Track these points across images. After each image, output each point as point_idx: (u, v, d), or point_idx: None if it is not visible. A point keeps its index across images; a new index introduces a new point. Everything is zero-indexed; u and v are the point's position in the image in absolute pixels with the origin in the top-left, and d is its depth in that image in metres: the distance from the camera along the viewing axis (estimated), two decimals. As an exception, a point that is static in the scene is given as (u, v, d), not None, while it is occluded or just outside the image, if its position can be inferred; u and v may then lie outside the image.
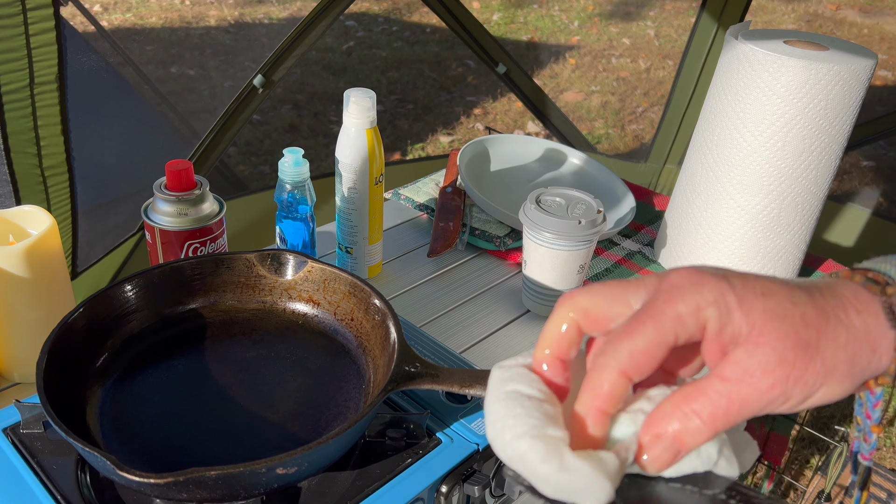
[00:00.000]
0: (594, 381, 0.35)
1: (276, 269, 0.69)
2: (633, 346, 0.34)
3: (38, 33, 1.15)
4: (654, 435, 0.34)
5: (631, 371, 0.34)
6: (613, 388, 0.34)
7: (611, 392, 0.34)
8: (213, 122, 1.77)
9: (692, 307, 0.33)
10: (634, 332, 0.34)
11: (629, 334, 0.34)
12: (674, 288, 0.34)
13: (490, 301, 0.90)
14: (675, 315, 0.33)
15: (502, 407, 0.35)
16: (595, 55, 3.82)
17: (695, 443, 0.34)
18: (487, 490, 0.59)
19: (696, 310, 0.33)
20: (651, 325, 0.34)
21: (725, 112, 0.85)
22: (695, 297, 0.34)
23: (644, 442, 0.34)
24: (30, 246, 0.65)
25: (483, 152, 1.12)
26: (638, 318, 0.34)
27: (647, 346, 0.34)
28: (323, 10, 1.76)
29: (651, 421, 0.34)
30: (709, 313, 0.33)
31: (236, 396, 0.60)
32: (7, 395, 0.71)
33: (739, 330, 0.33)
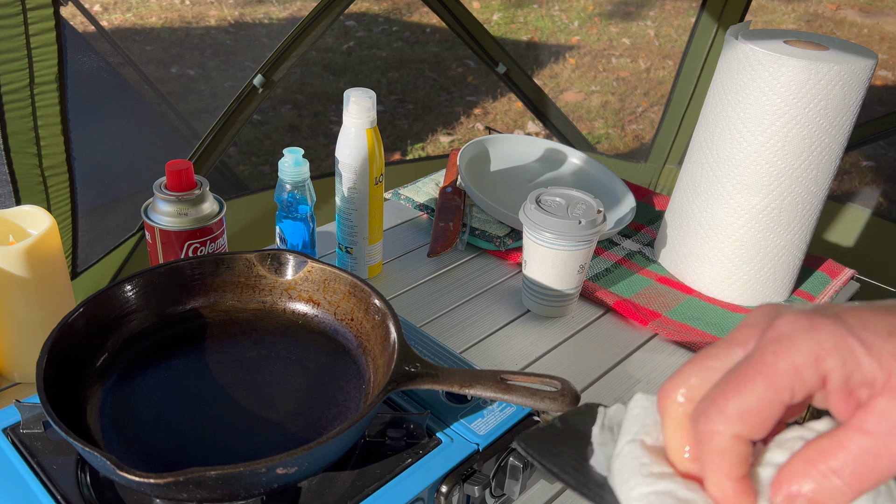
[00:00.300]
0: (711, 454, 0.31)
1: (276, 269, 0.69)
2: (742, 406, 0.30)
3: (38, 33, 1.15)
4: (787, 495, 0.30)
5: (746, 434, 0.30)
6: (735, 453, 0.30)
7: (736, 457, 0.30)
8: (213, 122, 1.77)
9: (809, 358, 0.29)
10: (742, 388, 0.30)
11: (736, 392, 0.30)
12: (783, 338, 0.30)
13: (490, 301, 0.90)
14: (790, 369, 0.29)
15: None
16: (595, 55, 3.82)
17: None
18: (487, 490, 0.59)
19: (815, 361, 0.29)
20: (761, 381, 0.30)
21: (725, 112, 0.85)
22: (811, 347, 0.29)
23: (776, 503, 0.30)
24: (30, 246, 0.65)
25: (483, 152, 1.12)
26: (745, 373, 0.30)
27: (760, 406, 0.30)
28: (323, 10, 1.76)
29: (781, 479, 0.30)
30: (830, 364, 0.29)
31: (236, 396, 0.60)
32: (7, 395, 0.71)
33: (872, 378, 0.29)
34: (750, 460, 0.31)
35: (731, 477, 0.31)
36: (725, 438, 0.30)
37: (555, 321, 0.88)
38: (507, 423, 0.61)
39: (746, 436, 0.30)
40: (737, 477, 0.31)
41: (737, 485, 0.31)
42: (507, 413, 0.61)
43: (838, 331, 0.30)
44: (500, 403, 0.62)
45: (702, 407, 0.31)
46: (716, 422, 0.30)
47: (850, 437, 0.29)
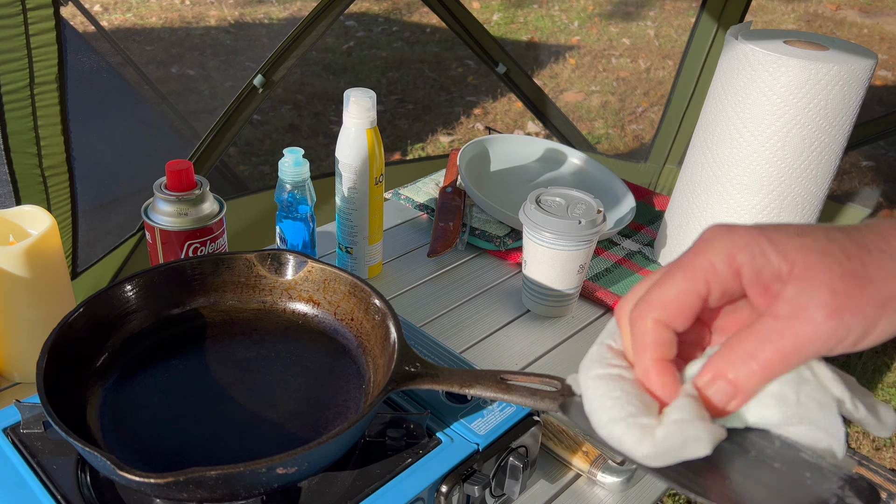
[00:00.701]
0: (636, 338, 0.34)
1: (276, 269, 0.69)
2: (663, 294, 0.34)
3: (38, 33, 1.15)
4: (710, 378, 0.34)
5: (667, 319, 0.34)
6: (656, 335, 0.34)
7: (656, 339, 0.34)
8: (214, 122, 1.77)
9: (723, 254, 0.33)
10: (664, 282, 0.34)
11: (659, 285, 0.34)
12: (703, 240, 0.34)
13: (490, 301, 0.90)
14: (706, 264, 0.33)
15: (603, 385, 0.36)
16: (595, 55, 3.82)
17: (751, 385, 0.33)
18: (487, 490, 0.59)
19: (728, 256, 0.33)
20: (680, 275, 0.34)
21: (725, 112, 0.85)
22: (724, 245, 0.33)
23: (700, 384, 0.34)
24: (30, 246, 0.65)
25: (483, 152, 1.12)
26: (668, 270, 0.34)
27: (677, 294, 0.33)
28: (323, 10, 1.76)
29: (706, 366, 0.34)
30: (741, 259, 0.33)
31: (236, 396, 0.60)
32: (7, 395, 0.71)
33: (779, 270, 0.32)
34: (672, 348, 0.35)
35: (652, 357, 0.34)
36: (647, 322, 0.34)
37: (555, 321, 0.88)
38: (507, 423, 0.61)
39: (665, 321, 0.34)
40: (657, 357, 0.34)
41: (656, 363, 0.34)
42: (507, 413, 0.61)
43: (751, 232, 0.33)
44: (500, 403, 0.62)
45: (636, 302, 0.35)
46: (640, 309, 0.34)
47: (762, 322, 0.33)
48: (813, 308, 0.32)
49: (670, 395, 0.35)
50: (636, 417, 0.34)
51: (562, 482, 0.66)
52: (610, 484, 0.65)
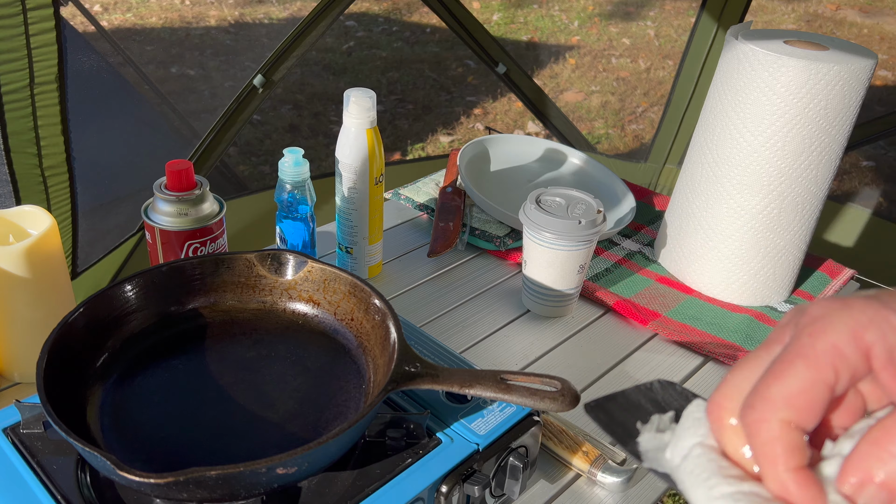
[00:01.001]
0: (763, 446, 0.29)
1: (276, 269, 0.69)
2: (785, 390, 0.28)
3: (38, 33, 1.15)
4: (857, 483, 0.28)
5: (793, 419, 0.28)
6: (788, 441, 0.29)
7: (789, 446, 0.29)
8: (214, 122, 1.77)
9: (847, 335, 0.28)
10: (783, 374, 0.29)
11: (777, 378, 0.29)
12: (817, 320, 0.29)
13: (490, 301, 0.90)
14: (829, 347, 0.28)
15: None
16: (595, 55, 3.82)
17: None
18: (487, 490, 0.59)
19: (854, 336, 0.28)
20: (801, 363, 0.29)
21: (725, 112, 0.85)
22: (847, 323, 0.28)
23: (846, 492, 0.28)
24: (30, 246, 0.65)
25: (483, 152, 1.12)
26: (784, 359, 0.29)
27: (803, 387, 0.28)
28: (323, 10, 1.76)
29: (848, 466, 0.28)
30: (870, 337, 0.28)
31: (236, 396, 0.60)
32: (7, 395, 0.71)
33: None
34: (807, 452, 0.29)
35: (787, 467, 0.29)
36: (773, 426, 0.29)
37: (555, 321, 0.88)
38: (507, 423, 0.61)
39: (794, 421, 0.29)
40: (793, 467, 0.29)
41: (795, 475, 0.29)
42: (507, 413, 0.61)
43: (872, 305, 0.29)
44: (500, 403, 0.62)
45: (747, 401, 0.30)
46: (761, 410, 0.29)
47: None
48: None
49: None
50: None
51: (562, 482, 0.66)
52: (610, 484, 0.65)
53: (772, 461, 0.29)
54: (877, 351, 0.28)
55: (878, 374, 0.29)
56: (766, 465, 0.29)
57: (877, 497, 0.28)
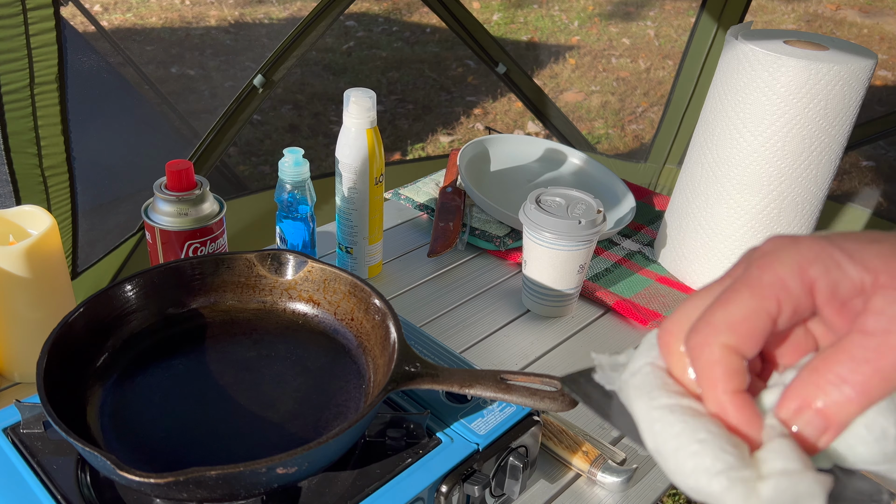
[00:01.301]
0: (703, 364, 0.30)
1: (276, 269, 0.69)
2: (728, 316, 0.29)
3: (38, 33, 1.15)
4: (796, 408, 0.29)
5: (737, 344, 0.29)
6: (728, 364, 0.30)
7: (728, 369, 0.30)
8: (214, 122, 1.77)
9: (793, 268, 0.29)
10: (728, 302, 0.30)
11: (722, 305, 0.30)
12: (766, 254, 0.30)
13: (490, 301, 0.90)
14: (774, 280, 0.29)
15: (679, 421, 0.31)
16: (595, 55, 3.82)
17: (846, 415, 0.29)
18: (487, 490, 0.59)
19: (799, 270, 0.29)
20: (746, 292, 0.30)
21: (725, 112, 0.85)
22: (793, 258, 0.29)
23: (784, 417, 0.29)
24: (30, 246, 0.65)
25: (483, 152, 1.12)
26: (731, 288, 0.30)
27: (746, 314, 0.29)
28: (323, 10, 1.76)
29: (788, 393, 0.29)
30: (814, 272, 0.29)
31: (236, 396, 0.60)
32: (7, 395, 0.71)
33: (861, 282, 0.29)
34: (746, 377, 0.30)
35: (725, 389, 0.30)
36: (715, 349, 0.30)
37: (555, 321, 0.88)
38: (507, 423, 0.61)
39: (735, 346, 0.30)
40: (731, 390, 0.30)
41: (732, 397, 0.30)
42: (507, 413, 0.61)
43: (820, 242, 0.30)
44: (500, 403, 0.62)
45: (692, 326, 0.31)
46: (704, 334, 0.30)
47: (852, 340, 0.28)
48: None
49: (756, 434, 0.30)
50: (737, 471, 0.29)
51: (562, 482, 0.66)
52: (610, 484, 0.65)
53: (711, 383, 0.30)
54: (820, 286, 0.29)
55: (820, 309, 0.30)
56: (706, 386, 0.30)
57: (812, 423, 0.29)
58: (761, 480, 0.29)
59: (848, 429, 0.29)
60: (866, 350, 0.28)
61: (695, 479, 0.29)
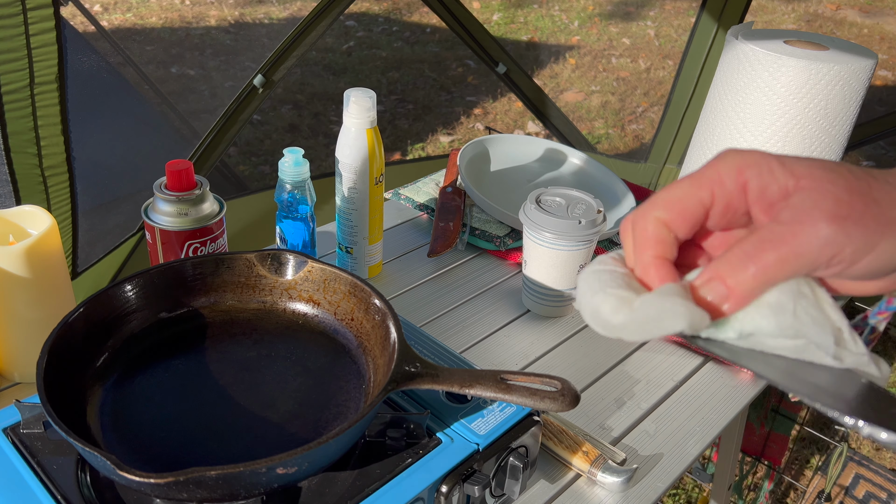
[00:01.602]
0: (637, 233, 0.35)
1: (276, 269, 0.69)
2: (667, 195, 0.34)
3: (38, 33, 1.15)
4: (707, 279, 0.34)
5: (668, 219, 0.34)
6: (657, 232, 0.34)
7: (656, 237, 0.34)
8: (214, 122, 1.77)
9: (731, 169, 0.34)
10: (670, 187, 0.35)
11: (667, 189, 0.35)
12: (715, 157, 0.35)
13: (490, 301, 0.90)
14: (714, 174, 0.34)
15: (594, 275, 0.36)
16: (595, 55, 3.82)
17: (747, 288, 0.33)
18: (487, 490, 0.59)
19: (736, 171, 0.33)
20: (687, 181, 0.34)
21: (725, 112, 0.85)
22: (735, 160, 0.34)
23: (696, 285, 0.34)
24: (30, 246, 0.65)
25: (483, 152, 1.12)
26: (676, 180, 0.35)
27: (682, 196, 0.34)
28: (323, 10, 1.76)
29: (705, 269, 0.34)
30: (749, 174, 0.33)
31: (236, 396, 0.60)
32: (7, 395, 0.71)
33: (785, 186, 0.33)
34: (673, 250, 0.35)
35: (652, 254, 0.34)
36: (649, 220, 0.35)
37: (555, 321, 0.88)
38: (507, 423, 0.61)
39: (666, 220, 0.34)
40: (656, 255, 0.34)
41: (656, 260, 0.34)
42: (507, 413, 0.61)
43: (762, 153, 0.34)
44: (500, 403, 0.62)
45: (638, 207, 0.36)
46: (643, 210, 0.35)
47: (764, 227, 0.33)
48: (816, 213, 0.32)
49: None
50: (615, 289, 0.34)
51: (562, 482, 0.66)
52: (610, 484, 0.65)
53: (641, 248, 0.35)
54: (752, 186, 0.33)
55: (750, 207, 0.34)
56: (637, 252, 0.35)
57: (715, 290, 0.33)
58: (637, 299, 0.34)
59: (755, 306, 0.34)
60: (773, 235, 0.32)
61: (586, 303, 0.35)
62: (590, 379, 0.79)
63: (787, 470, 1.61)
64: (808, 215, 0.32)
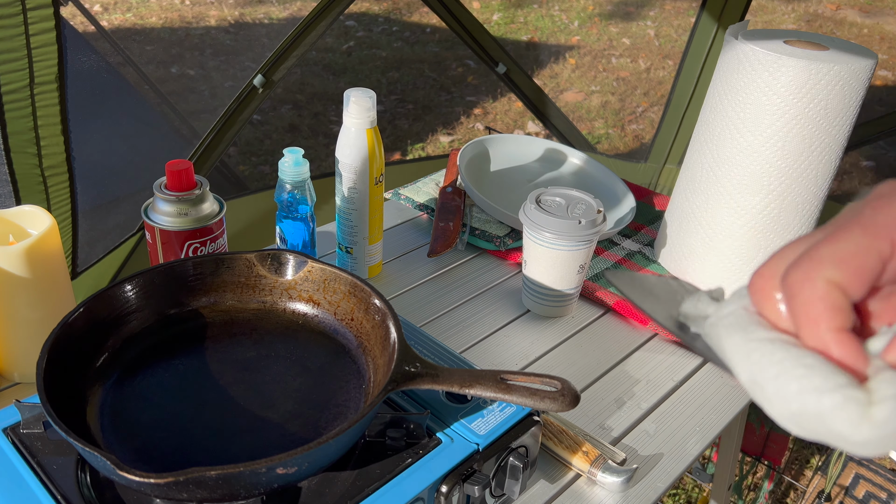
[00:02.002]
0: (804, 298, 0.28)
1: (276, 269, 0.69)
2: (836, 251, 0.27)
3: (38, 33, 1.15)
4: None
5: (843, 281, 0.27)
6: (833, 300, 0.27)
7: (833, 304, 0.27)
8: (213, 122, 1.77)
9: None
10: (837, 238, 0.28)
11: (830, 241, 0.28)
12: (882, 196, 0.28)
13: (490, 301, 0.90)
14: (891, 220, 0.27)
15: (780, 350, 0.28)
16: (595, 55, 3.82)
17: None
18: (487, 490, 0.59)
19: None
20: (858, 229, 0.27)
21: (725, 112, 0.85)
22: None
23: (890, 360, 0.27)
24: (30, 246, 0.65)
25: (483, 152, 1.12)
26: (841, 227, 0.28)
27: (856, 251, 0.27)
28: (323, 10, 1.76)
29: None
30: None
31: (236, 396, 0.60)
32: (7, 395, 0.71)
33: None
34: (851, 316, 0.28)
35: (829, 327, 0.27)
36: (819, 283, 0.27)
37: (555, 321, 0.88)
38: (507, 423, 0.61)
39: (841, 282, 0.27)
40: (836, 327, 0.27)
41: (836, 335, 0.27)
42: (507, 413, 0.61)
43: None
44: (500, 403, 0.62)
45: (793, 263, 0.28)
46: (807, 269, 0.28)
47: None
48: None
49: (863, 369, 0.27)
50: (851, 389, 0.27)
51: (562, 482, 0.66)
52: (610, 484, 0.65)
53: (814, 319, 0.28)
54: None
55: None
56: (807, 322, 0.28)
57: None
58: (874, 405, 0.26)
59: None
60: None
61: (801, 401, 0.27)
62: (590, 379, 0.79)
63: (786, 470, 1.61)
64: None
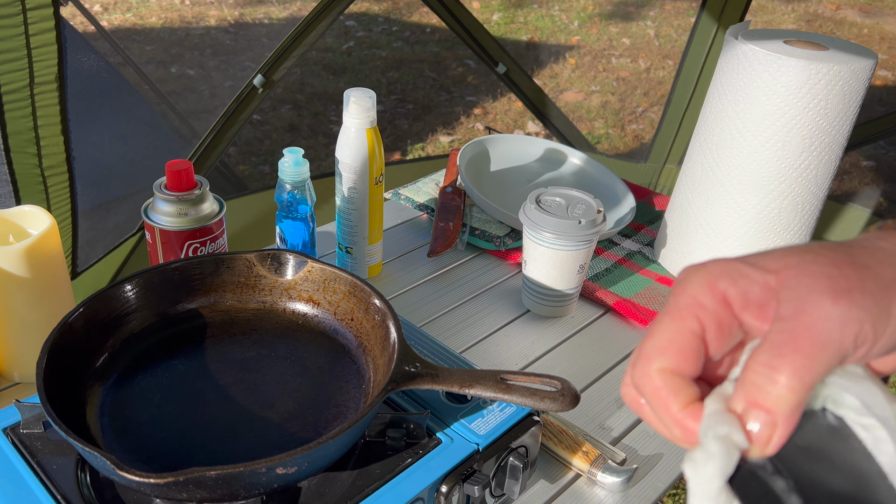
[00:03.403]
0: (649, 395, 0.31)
1: (276, 269, 0.69)
2: (656, 343, 0.31)
3: (38, 33, 1.15)
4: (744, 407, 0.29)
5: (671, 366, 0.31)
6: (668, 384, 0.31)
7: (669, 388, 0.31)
8: (213, 122, 1.77)
9: (703, 286, 0.31)
10: (654, 331, 0.32)
11: (649, 336, 0.32)
12: (679, 282, 0.32)
13: (490, 301, 0.90)
14: (689, 300, 0.31)
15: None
16: (595, 55, 3.82)
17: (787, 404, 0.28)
18: (487, 490, 0.59)
19: (708, 287, 0.31)
20: (666, 318, 0.31)
21: (725, 112, 0.85)
22: (702, 277, 0.31)
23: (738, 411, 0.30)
24: (30, 246, 0.65)
25: (483, 152, 1.12)
26: (656, 321, 0.32)
27: (671, 337, 0.31)
28: (323, 10, 1.76)
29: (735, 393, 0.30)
30: (723, 285, 0.31)
31: (236, 396, 0.60)
32: (7, 395, 0.71)
33: (766, 282, 0.30)
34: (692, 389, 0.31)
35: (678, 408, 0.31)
36: (654, 376, 0.31)
37: (555, 321, 0.88)
38: (507, 423, 0.61)
39: (670, 367, 0.31)
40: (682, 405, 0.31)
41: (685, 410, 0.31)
42: (507, 413, 0.61)
43: (725, 261, 0.32)
44: (500, 403, 0.62)
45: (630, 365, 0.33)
46: (641, 367, 0.31)
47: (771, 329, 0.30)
48: (816, 296, 0.29)
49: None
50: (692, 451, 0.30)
51: (562, 482, 0.66)
52: (610, 484, 0.65)
53: (663, 407, 0.31)
54: (731, 295, 0.31)
55: (740, 318, 0.31)
56: (660, 412, 0.31)
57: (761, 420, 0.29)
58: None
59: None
60: (785, 334, 0.29)
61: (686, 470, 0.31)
62: (590, 379, 0.79)
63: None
64: (810, 302, 0.29)
